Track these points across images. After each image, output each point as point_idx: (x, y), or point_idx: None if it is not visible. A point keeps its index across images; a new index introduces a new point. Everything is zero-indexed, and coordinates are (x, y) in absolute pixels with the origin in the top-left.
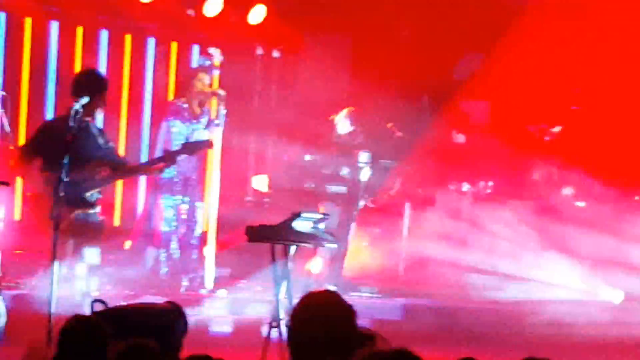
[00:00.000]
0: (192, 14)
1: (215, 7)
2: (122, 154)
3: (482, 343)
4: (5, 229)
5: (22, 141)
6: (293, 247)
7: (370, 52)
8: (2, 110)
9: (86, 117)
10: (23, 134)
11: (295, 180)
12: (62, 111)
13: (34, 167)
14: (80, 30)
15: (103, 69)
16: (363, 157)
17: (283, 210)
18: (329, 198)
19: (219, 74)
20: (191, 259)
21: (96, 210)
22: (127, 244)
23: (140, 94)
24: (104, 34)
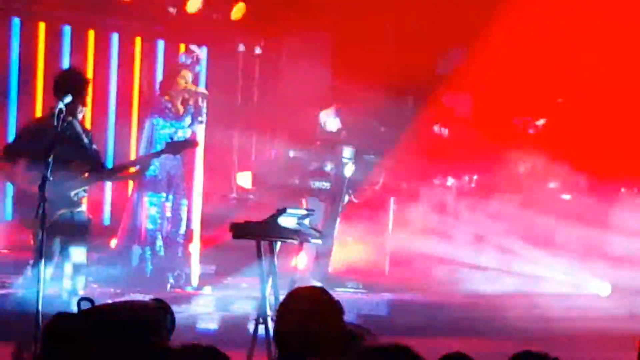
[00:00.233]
0: (174, 12)
1: (196, 5)
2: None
3: (469, 337)
4: None
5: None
6: (278, 243)
7: (352, 47)
8: None
9: (69, 116)
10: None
11: (280, 176)
12: (25, 110)
13: (18, 167)
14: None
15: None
16: (347, 152)
17: (268, 207)
18: (314, 194)
19: (201, 71)
20: (176, 257)
21: (81, 209)
22: (113, 243)
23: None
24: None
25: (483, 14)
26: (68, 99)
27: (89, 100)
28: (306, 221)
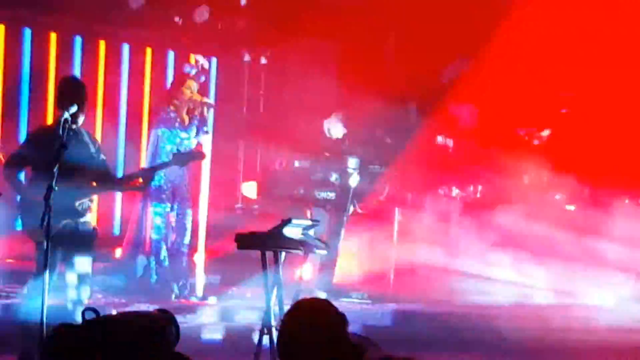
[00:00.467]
0: (180, 22)
1: (202, 15)
2: (119, 164)
3: (473, 348)
4: None
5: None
6: (283, 253)
7: (357, 58)
8: None
9: (74, 125)
10: None
11: (285, 186)
12: (37, 119)
13: (23, 176)
14: (54, 37)
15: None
16: (352, 162)
17: (273, 217)
18: (319, 204)
19: (206, 81)
20: (181, 267)
21: (86, 219)
22: (118, 253)
23: (116, 103)
24: (77, 41)
25: (487, 24)
26: (74, 108)
27: (99, 110)
28: (311, 232)
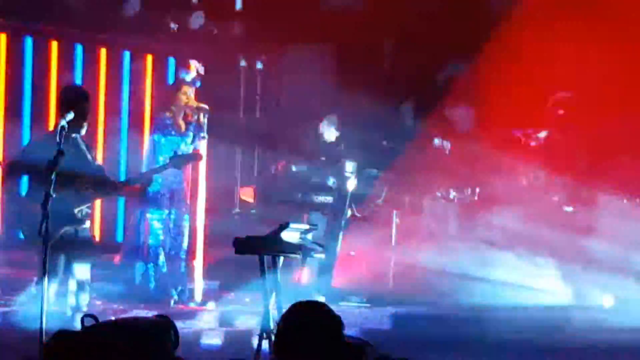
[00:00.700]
0: (175, 28)
1: (198, 21)
2: (121, 170)
3: (473, 351)
4: None
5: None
6: (281, 258)
7: (354, 61)
8: None
9: (73, 133)
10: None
11: (282, 191)
12: (39, 127)
13: (20, 184)
14: (55, 45)
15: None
16: (349, 166)
17: (270, 222)
18: (316, 208)
19: (202, 85)
20: (179, 272)
21: (86, 225)
22: (116, 259)
23: (116, 108)
24: (78, 48)
25: (484, 26)
26: (70, 116)
27: (101, 117)
28: (309, 236)
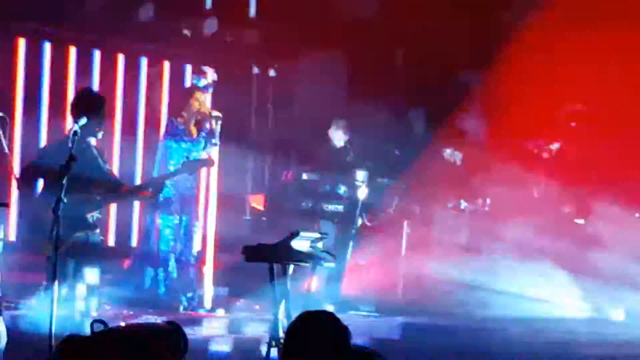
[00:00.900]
0: (188, 34)
1: (211, 27)
2: (137, 176)
3: None
4: (4, 249)
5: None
6: (291, 266)
7: (366, 69)
8: (0, 132)
9: (87, 138)
10: (17, 155)
11: (293, 198)
12: (56, 132)
13: (35, 189)
14: (72, 51)
15: (95, 89)
16: (360, 175)
17: (281, 229)
18: (327, 216)
19: (214, 92)
20: (189, 278)
21: (96, 231)
22: (125, 264)
23: (134, 114)
24: (96, 54)
25: (497, 37)
26: (83, 121)
27: (117, 122)
28: (319, 244)
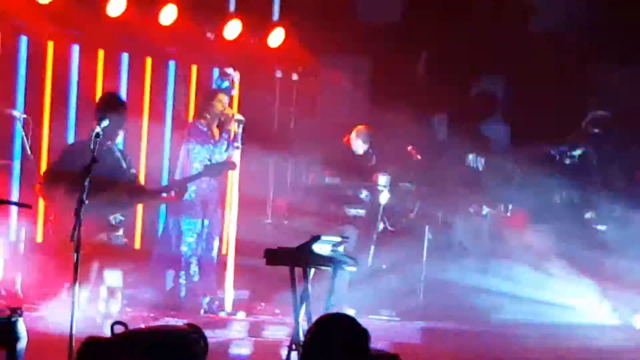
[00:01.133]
0: (212, 37)
1: (234, 31)
2: (142, 178)
3: None
4: (26, 251)
5: (44, 164)
6: (312, 269)
7: (388, 74)
8: (23, 133)
9: (107, 140)
10: (45, 157)
11: (315, 202)
12: (84, 134)
13: (59, 190)
14: (101, 53)
15: (124, 92)
16: (382, 179)
17: (302, 233)
18: (349, 221)
19: (238, 97)
20: (210, 282)
21: (119, 233)
22: (148, 266)
23: (161, 116)
24: (124, 57)
25: (520, 42)
26: (105, 123)
27: (145, 125)
28: (340, 248)
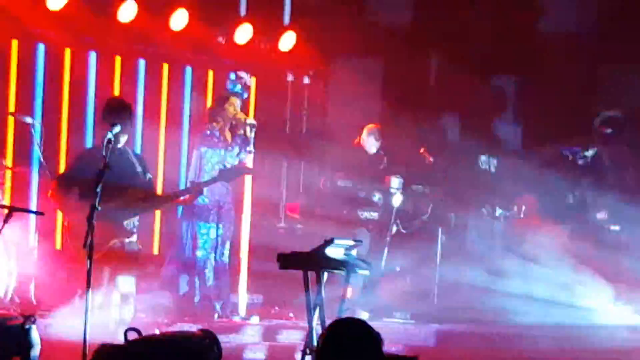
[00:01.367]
0: (223, 42)
1: (245, 35)
2: (159, 184)
3: None
4: (40, 257)
5: (61, 171)
6: (325, 273)
7: (400, 76)
8: (36, 139)
9: (118, 145)
10: (63, 163)
11: (328, 206)
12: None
13: (72, 196)
14: (118, 60)
15: (141, 98)
16: (395, 182)
17: (315, 237)
18: (362, 224)
19: (250, 99)
20: (224, 286)
21: (133, 238)
22: (161, 272)
23: (178, 122)
24: (141, 63)
25: (532, 43)
26: (117, 129)
27: (163, 130)
28: (354, 252)
